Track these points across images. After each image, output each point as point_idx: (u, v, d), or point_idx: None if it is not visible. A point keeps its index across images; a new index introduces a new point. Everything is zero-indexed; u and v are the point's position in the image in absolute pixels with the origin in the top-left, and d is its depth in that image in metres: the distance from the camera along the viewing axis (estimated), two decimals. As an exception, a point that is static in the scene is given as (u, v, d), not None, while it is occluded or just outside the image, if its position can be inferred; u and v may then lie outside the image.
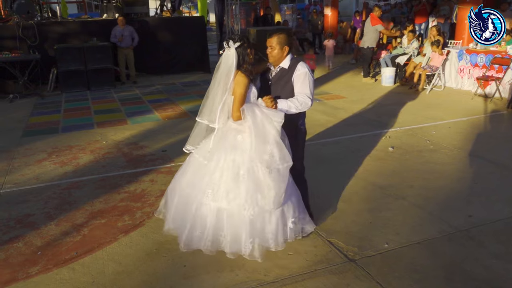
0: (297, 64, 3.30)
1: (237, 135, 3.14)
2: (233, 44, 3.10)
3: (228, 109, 3.17)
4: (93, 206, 4.19)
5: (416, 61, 9.41)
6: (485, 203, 4.02)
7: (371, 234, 3.54)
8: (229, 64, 3.11)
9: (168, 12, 13.74)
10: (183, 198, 3.30)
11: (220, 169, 3.14)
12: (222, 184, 3.11)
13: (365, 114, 7.27)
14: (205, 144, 3.28)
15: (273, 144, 3.05)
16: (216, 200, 3.11)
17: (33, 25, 10.29)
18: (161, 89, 10.07)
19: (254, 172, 3.07)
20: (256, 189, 3.07)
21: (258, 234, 3.12)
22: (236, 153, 3.11)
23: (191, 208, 3.21)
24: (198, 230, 3.17)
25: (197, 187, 3.20)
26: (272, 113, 3.08)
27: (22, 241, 3.60)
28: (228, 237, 3.12)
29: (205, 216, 3.15)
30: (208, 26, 19.11)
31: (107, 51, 10.16)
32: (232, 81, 3.10)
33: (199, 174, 3.23)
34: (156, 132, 6.61)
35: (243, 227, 3.08)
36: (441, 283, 2.93)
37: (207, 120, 3.19)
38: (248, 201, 3.06)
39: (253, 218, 3.07)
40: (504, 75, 7.84)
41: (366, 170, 4.87)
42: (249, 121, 3.05)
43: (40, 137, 6.53)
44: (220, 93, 3.13)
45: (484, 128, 6.49)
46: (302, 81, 3.25)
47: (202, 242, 3.16)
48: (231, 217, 3.10)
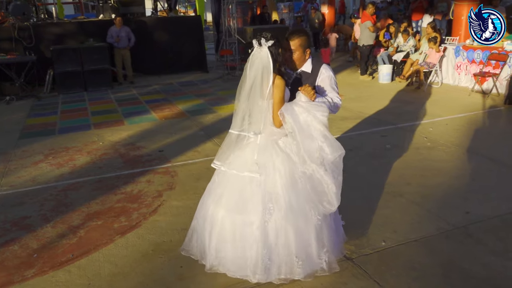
0: (320, 67, 3.10)
1: (278, 140, 2.90)
2: (265, 42, 2.77)
3: (267, 115, 2.85)
4: (89, 208, 4.17)
5: (413, 58, 9.40)
6: (483, 200, 4.01)
7: (369, 232, 3.52)
8: (265, 65, 2.75)
9: (165, 12, 13.72)
10: (230, 225, 2.84)
11: (272, 179, 2.81)
12: (281, 193, 2.79)
13: (363, 111, 7.25)
14: (239, 156, 2.90)
15: (321, 139, 2.80)
16: (280, 214, 2.77)
17: (29, 26, 10.27)
18: (158, 89, 10.05)
19: (309, 174, 2.82)
20: (315, 193, 2.82)
21: (327, 243, 2.88)
22: (285, 158, 2.84)
23: (250, 233, 2.79)
24: (266, 257, 2.79)
25: (251, 207, 2.80)
26: (315, 107, 2.83)
27: (18, 243, 3.59)
28: (300, 256, 2.81)
29: (271, 237, 2.78)
30: (205, 25, 19.08)
31: (104, 52, 10.14)
32: (272, 85, 2.77)
33: (247, 191, 2.84)
34: (153, 133, 6.60)
35: (312, 239, 2.82)
36: (439, 281, 2.92)
37: (245, 130, 2.86)
38: (312, 207, 2.81)
39: (320, 223, 2.83)
40: (501, 71, 7.83)
41: (363, 168, 4.85)
42: (290, 123, 2.78)
43: (37, 138, 6.51)
44: (258, 98, 2.78)
45: (481, 124, 6.48)
46: (329, 85, 3.07)
47: (273, 272, 2.81)
48: (299, 232, 2.80)
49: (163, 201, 4.24)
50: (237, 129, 2.87)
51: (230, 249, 2.87)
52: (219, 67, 12.49)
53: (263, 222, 2.77)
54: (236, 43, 12.31)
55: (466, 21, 9.41)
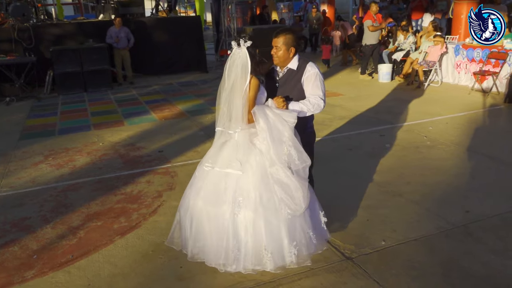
0: (306, 64, 3.17)
1: (253, 138, 3.00)
2: (244, 43, 2.90)
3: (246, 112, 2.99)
4: (89, 208, 4.18)
5: (412, 57, 9.39)
6: (483, 199, 4.01)
7: (368, 231, 3.52)
8: (243, 65, 2.89)
9: (164, 12, 13.72)
10: (205, 217, 3.00)
11: (245, 174, 2.94)
12: (253, 188, 2.92)
13: (363, 111, 7.25)
14: (219, 153, 3.04)
15: (289, 145, 2.93)
16: (249, 207, 2.89)
17: (28, 27, 10.27)
18: (158, 90, 10.05)
19: (278, 174, 2.93)
20: (284, 190, 2.92)
21: (299, 238, 2.96)
22: (257, 155, 2.96)
23: (221, 224, 2.93)
24: (235, 248, 2.91)
25: (224, 200, 2.94)
26: (285, 113, 2.96)
27: (18, 244, 3.59)
28: (268, 249, 2.90)
29: (240, 229, 2.91)
30: (205, 25, 19.08)
31: (103, 53, 10.14)
32: (249, 83, 2.90)
33: (221, 186, 2.98)
34: (153, 133, 6.60)
35: (283, 232, 2.92)
36: (439, 280, 2.91)
37: (227, 128, 2.99)
38: (283, 201, 2.91)
39: (290, 218, 2.92)
40: (500, 69, 7.82)
41: (363, 167, 4.85)
42: (261, 123, 2.91)
43: (37, 139, 6.51)
44: (237, 97, 2.92)
45: (481, 123, 6.48)
46: (313, 82, 3.14)
47: (242, 263, 2.92)
48: (269, 224, 2.90)
49: (163, 202, 4.24)
50: (222, 126, 3.02)
51: (206, 239, 3.02)
52: (218, 67, 12.49)
53: (232, 214, 2.91)
54: (236, 43, 12.29)
55: (466, 20, 9.41)
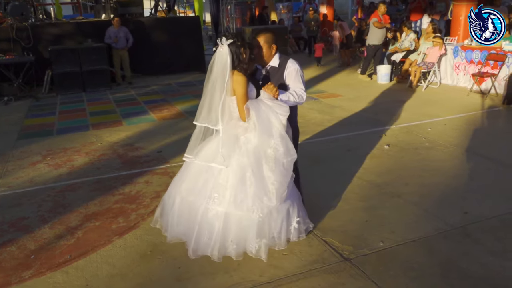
0: (287, 61, 3.34)
1: (240, 136, 3.08)
2: (226, 41, 3.02)
3: (229, 110, 3.09)
4: (87, 209, 4.16)
5: (411, 58, 9.41)
6: (481, 200, 4.01)
7: (367, 232, 3.52)
8: (223, 62, 3.01)
9: (163, 12, 13.71)
10: (185, 205, 3.18)
11: (225, 172, 3.04)
12: (229, 187, 3.02)
13: (361, 112, 7.25)
14: (204, 147, 3.16)
15: (277, 138, 3.02)
16: (223, 205, 3.02)
17: (27, 27, 10.26)
18: (156, 90, 10.04)
19: (259, 171, 3.02)
20: (262, 188, 3.02)
21: (265, 234, 3.08)
22: (241, 154, 3.04)
23: (196, 214, 3.09)
24: (206, 236, 3.07)
25: (202, 193, 3.09)
26: (277, 106, 3.05)
27: (16, 244, 3.57)
28: (235, 241, 3.05)
29: (212, 222, 3.04)
30: (204, 25, 19.08)
31: (102, 52, 10.12)
32: (229, 80, 3.00)
33: (202, 178, 3.13)
34: (151, 133, 6.59)
35: (251, 230, 3.03)
36: (437, 281, 2.91)
37: (207, 123, 3.08)
38: (256, 203, 3.00)
39: (261, 219, 3.02)
40: (499, 71, 7.84)
41: (361, 168, 4.85)
42: (253, 117, 3.00)
43: (35, 139, 6.49)
44: (217, 93, 3.02)
45: (480, 124, 6.49)
46: (294, 77, 3.31)
47: (209, 249, 3.06)
48: (239, 222, 3.03)
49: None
50: (201, 122, 3.10)
51: (182, 225, 3.22)
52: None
53: (206, 208, 3.06)
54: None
55: (465, 21, 9.44)
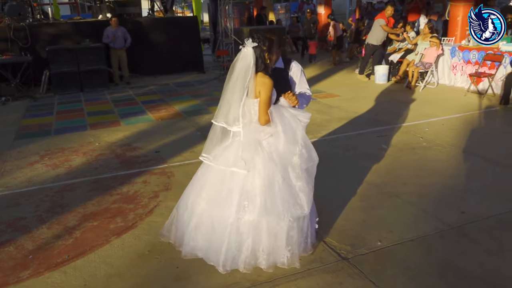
0: (290, 62, 3.35)
1: (262, 140, 2.98)
2: (251, 43, 2.91)
3: (249, 112, 2.97)
4: (85, 209, 4.16)
5: (409, 58, 9.43)
6: (478, 200, 4.02)
7: (364, 232, 3.53)
8: (247, 63, 2.89)
9: (161, 12, 13.70)
10: (209, 218, 3.00)
11: (251, 178, 2.91)
12: (258, 193, 2.90)
13: (359, 112, 7.26)
14: (224, 152, 3.02)
15: (302, 144, 2.98)
16: (254, 212, 2.88)
17: (24, 27, 10.23)
18: (154, 90, 10.04)
19: (287, 177, 2.95)
20: (291, 194, 2.94)
21: (294, 241, 3.00)
22: (266, 158, 2.94)
23: (224, 227, 2.93)
24: (236, 249, 2.95)
25: (228, 203, 2.93)
26: (300, 113, 3.02)
27: (13, 245, 3.57)
28: (266, 251, 2.95)
29: (243, 232, 2.92)
30: (202, 26, 19.07)
31: (100, 52, 10.11)
32: (251, 82, 2.89)
33: (225, 187, 2.96)
34: (149, 133, 6.59)
35: (282, 236, 2.94)
36: (435, 280, 2.92)
37: (224, 122, 2.96)
38: (286, 208, 2.91)
39: (291, 224, 2.94)
40: (496, 71, 7.87)
41: (359, 168, 4.86)
42: (278, 126, 2.93)
43: (32, 139, 6.48)
44: (237, 93, 2.91)
45: (477, 124, 6.51)
46: (300, 77, 3.34)
47: (240, 262, 2.96)
48: (271, 228, 2.92)
49: (160, 202, 4.23)
50: (220, 120, 2.97)
51: (206, 239, 3.03)
52: (215, 67, 12.49)
53: (236, 218, 2.91)
54: (233, 44, 12.32)
55: (462, 22, 9.48)
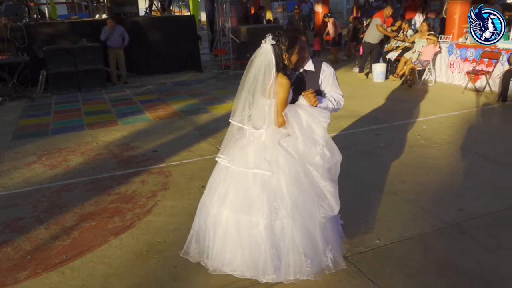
0: (321, 65, 3.13)
1: (280, 140, 2.86)
2: (270, 40, 2.77)
3: (269, 113, 2.81)
4: (83, 209, 4.15)
5: (406, 56, 9.43)
6: (476, 197, 4.03)
7: (363, 230, 3.53)
8: (267, 61, 2.74)
9: (158, 11, 13.67)
10: (234, 226, 2.80)
11: (276, 178, 2.77)
12: (287, 193, 2.76)
13: (357, 110, 7.26)
14: (243, 153, 2.86)
15: (322, 144, 2.83)
16: (287, 212, 2.74)
17: (21, 26, 10.20)
18: (152, 89, 10.02)
19: (311, 177, 2.84)
20: (317, 194, 2.83)
21: (331, 241, 2.90)
22: (288, 157, 2.81)
23: (259, 234, 2.74)
24: (275, 256, 2.75)
25: (256, 207, 2.75)
26: (318, 112, 2.86)
27: (11, 245, 3.56)
28: (308, 255, 2.78)
29: (279, 238, 2.75)
30: (200, 25, 19.04)
31: (97, 52, 10.09)
32: (274, 82, 2.74)
33: (251, 190, 2.79)
34: (147, 133, 6.57)
35: (318, 235, 2.82)
36: (433, 278, 2.93)
37: (239, 122, 2.84)
38: (316, 205, 2.80)
39: (324, 221, 2.84)
40: (493, 69, 7.87)
41: (357, 166, 4.86)
42: (294, 126, 2.80)
43: (30, 139, 6.46)
44: (258, 92, 2.77)
45: (475, 122, 6.52)
46: (332, 82, 3.13)
47: (283, 273, 2.77)
48: (305, 228, 2.78)
49: (157, 201, 4.22)
50: (238, 119, 2.85)
51: (236, 250, 2.83)
52: (213, 67, 12.47)
53: (269, 221, 2.73)
54: (230, 43, 12.30)
55: (459, 20, 9.49)
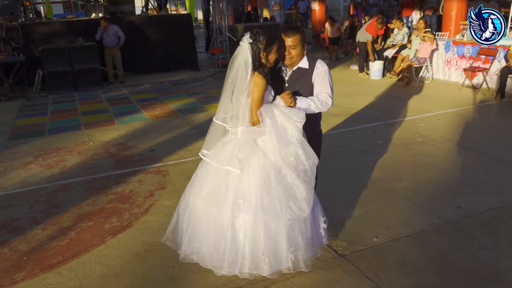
0: (315, 62, 3.14)
1: (257, 139, 2.90)
2: (247, 39, 2.81)
3: (246, 111, 2.88)
4: (80, 209, 4.13)
5: (403, 53, 9.43)
6: (474, 194, 4.03)
7: (361, 228, 3.53)
8: (244, 59, 2.81)
9: (155, 10, 13.63)
10: (204, 216, 2.91)
11: (247, 176, 2.84)
12: (254, 191, 2.82)
13: (354, 108, 7.26)
14: (222, 149, 2.96)
15: (296, 145, 2.86)
16: (250, 211, 2.80)
17: (17, 26, 10.16)
18: (149, 88, 10.00)
19: (283, 177, 2.86)
20: (288, 194, 2.85)
21: (297, 242, 2.88)
22: (261, 156, 2.86)
23: (220, 225, 2.84)
24: (233, 252, 2.82)
25: (223, 201, 2.86)
26: (293, 112, 2.90)
27: (8, 246, 3.54)
28: (266, 253, 2.81)
29: (239, 232, 2.81)
30: (196, 23, 19.00)
31: (93, 51, 10.06)
32: (251, 80, 2.80)
33: (223, 185, 2.88)
34: (144, 132, 6.55)
35: (282, 237, 2.83)
36: (431, 276, 2.93)
37: (221, 120, 2.92)
38: (283, 207, 2.81)
39: (291, 223, 2.83)
40: (490, 65, 7.89)
41: (355, 164, 4.86)
42: (269, 125, 2.83)
43: (26, 140, 6.44)
44: (238, 92, 2.83)
45: (472, 118, 6.52)
46: (322, 80, 3.11)
47: (237, 267, 2.83)
48: (269, 228, 2.81)
49: (155, 201, 4.21)
50: (221, 118, 2.93)
51: (203, 240, 2.92)
52: (210, 65, 12.45)
53: (232, 217, 2.81)
54: (227, 41, 12.27)
55: (456, 17, 9.48)
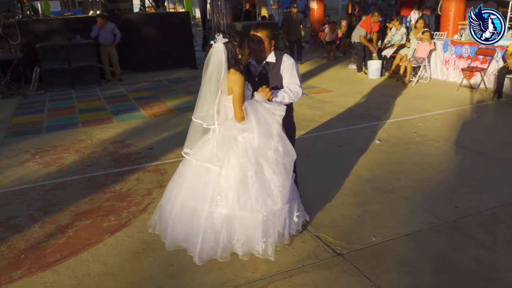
0: (282, 56, 3.35)
1: (237, 135, 3.02)
2: (222, 39, 2.92)
3: (225, 109, 3.02)
4: (78, 207, 4.12)
5: (402, 53, 9.44)
6: (472, 194, 4.04)
7: (359, 227, 3.53)
8: (218, 60, 2.91)
9: (153, 8, 13.60)
10: (186, 210, 3.08)
11: (225, 173, 2.98)
12: (231, 188, 2.97)
13: (352, 107, 7.26)
14: (202, 148, 3.08)
15: (276, 139, 3.01)
16: (226, 207, 2.97)
17: (14, 23, 10.11)
18: (147, 86, 9.97)
19: (261, 172, 3.00)
20: (265, 190, 2.99)
21: (270, 233, 3.06)
22: (240, 154, 2.98)
23: (199, 220, 3.01)
24: (212, 241, 3.01)
25: (203, 196, 3.02)
26: (274, 107, 3.05)
27: (5, 244, 3.52)
28: (241, 240, 3.03)
29: (216, 225, 2.99)
30: (194, 21, 18.97)
31: (91, 49, 10.00)
32: (225, 79, 2.92)
33: (202, 181, 3.04)
34: (142, 130, 6.54)
35: (257, 230, 3.00)
36: (429, 275, 2.93)
37: (200, 119, 3.02)
38: (260, 202, 2.97)
39: (265, 218, 3.00)
40: (488, 65, 7.91)
41: (353, 164, 4.86)
42: (252, 120, 2.97)
43: (23, 137, 6.41)
44: (212, 91, 2.94)
45: (470, 118, 6.54)
46: (291, 72, 3.31)
47: (216, 253, 3.03)
48: (244, 223, 3.00)
49: (153, 199, 4.20)
50: (200, 118, 3.03)
51: (182, 231, 3.11)
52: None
53: (210, 212, 2.98)
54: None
55: (454, 16, 9.50)
